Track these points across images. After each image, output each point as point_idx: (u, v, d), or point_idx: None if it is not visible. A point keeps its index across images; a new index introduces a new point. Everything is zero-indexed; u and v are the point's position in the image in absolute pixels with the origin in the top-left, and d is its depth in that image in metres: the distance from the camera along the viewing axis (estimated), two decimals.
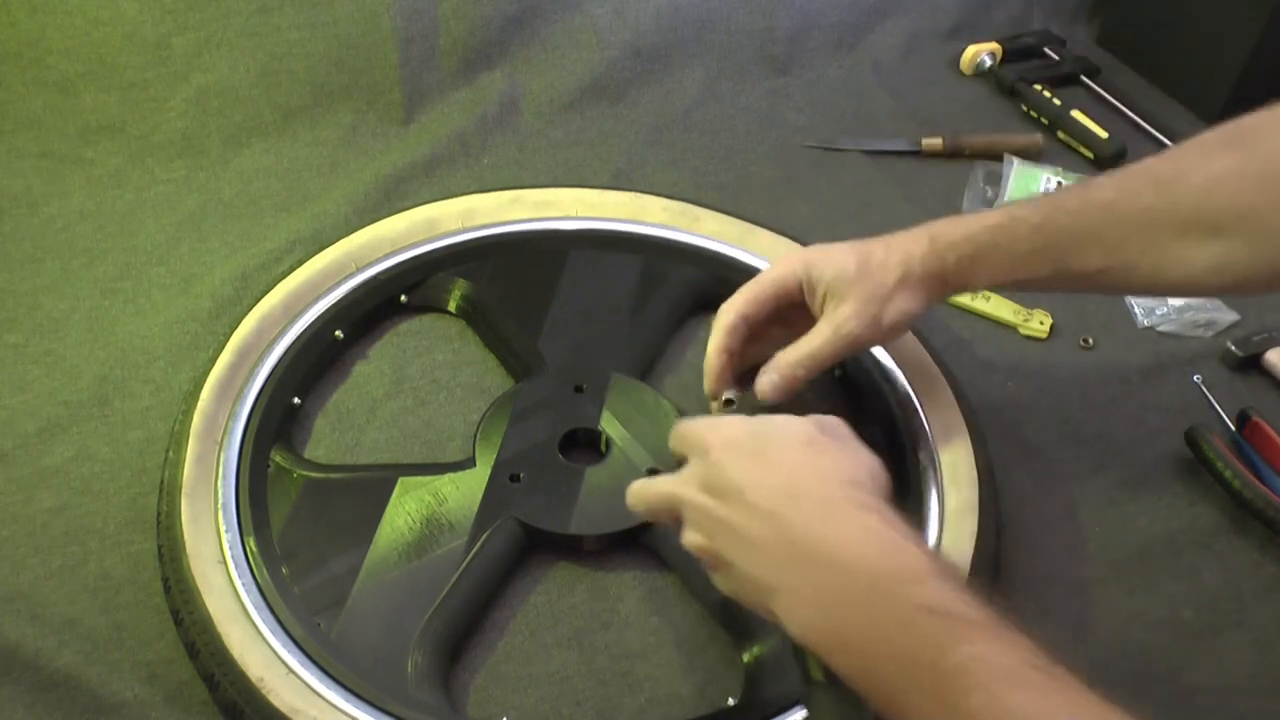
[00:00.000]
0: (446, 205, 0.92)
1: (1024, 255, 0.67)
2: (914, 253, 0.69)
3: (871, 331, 0.69)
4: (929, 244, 0.69)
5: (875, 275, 0.68)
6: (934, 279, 0.69)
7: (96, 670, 0.65)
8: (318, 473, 0.76)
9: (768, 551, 0.52)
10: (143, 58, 1.03)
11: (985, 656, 0.45)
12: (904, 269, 0.68)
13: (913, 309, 0.69)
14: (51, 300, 0.90)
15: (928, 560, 0.50)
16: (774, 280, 0.71)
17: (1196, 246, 0.62)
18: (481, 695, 0.67)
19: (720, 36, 1.21)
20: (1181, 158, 0.64)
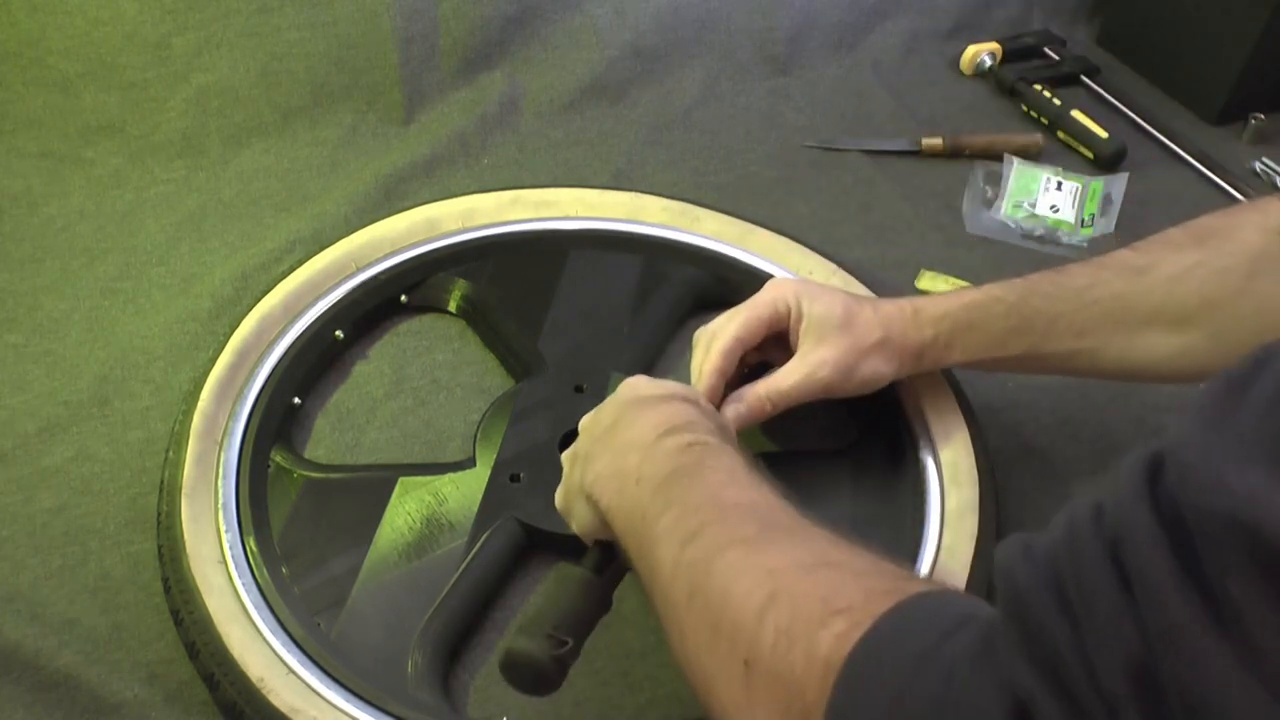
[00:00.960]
0: (446, 205, 0.92)
1: (999, 334, 0.70)
2: (895, 325, 0.71)
3: (842, 383, 0.71)
4: (912, 316, 0.71)
5: (858, 330, 0.70)
6: (910, 350, 0.71)
7: (96, 670, 0.65)
8: (318, 473, 0.76)
9: (589, 462, 0.59)
10: (143, 58, 1.03)
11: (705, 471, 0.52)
12: (885, 333, 0.70)
13: (885, 372, 0.71)
14: (51, 300, 0.90)
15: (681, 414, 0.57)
16: (769, 304, 0.72)
17: (1162, 335, 0.67)
18: (481, 695, 0.67)
19: (720, 36, 1.21)
20: (1151, 250, 0.68)
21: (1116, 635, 0.30)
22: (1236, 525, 0.27)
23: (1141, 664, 0.29)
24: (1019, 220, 1.02)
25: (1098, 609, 0.30)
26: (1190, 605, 0.28)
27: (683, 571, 0.47)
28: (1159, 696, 0.28)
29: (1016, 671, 0.32)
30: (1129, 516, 0.30)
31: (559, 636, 0.54)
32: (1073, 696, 0.31)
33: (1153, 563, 0.29)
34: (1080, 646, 0.31)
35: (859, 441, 0.80)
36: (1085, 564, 0.31)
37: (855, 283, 0.86)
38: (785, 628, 0.41)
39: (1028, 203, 1.03)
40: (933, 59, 1.26)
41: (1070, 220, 1.02)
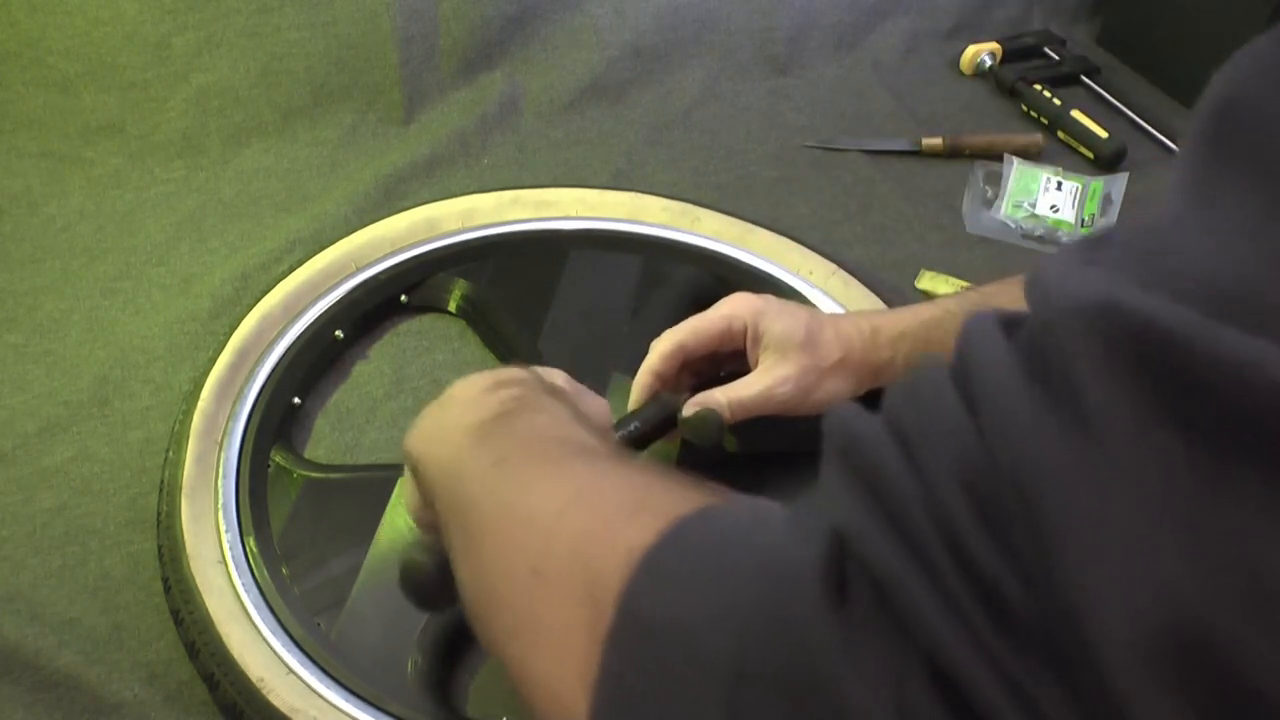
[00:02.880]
0: (446, 205, 0.92)
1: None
2: (855, 341, 0.71)
3: (800, 401, 0.70)
4: (870, 336, 0.71)
5: (819, 350, 0.70)
6: (868, 368, 0.71)
7: (96, 670, 0.65)
8: (318, 473, 0.76)
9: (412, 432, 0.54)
10: (143, 58, 1.03)
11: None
12: (844, 353, 0.70)
13: (844, 391, 0.71)
14: (51, 300, 0.90)
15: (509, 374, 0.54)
16: (724, 318, 0.71)
17: None
18: (481, 695, 0.67)
19: (720, 36, 1.21)
20: None
21: (950, 447, 0.28)
22: (1093, 309, 0.26)
23: (976, 472, 0.27)
24: (1019, 220, 1.02)
25: (932, 427, 0.29)
26: (1033, 401, 0.27)
27: (485, 495, 0.44)
28: (994, 502, 0.27)
29: (836, 508, 0.30)
30: (975, 348, 0.29)
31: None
32: (897, 517, 0.28)
33: (998, 374, 0.28)
34: (909, 466, 0.29)
35: None
36: (924, 392, 0.30)
37: (855, 283, 0.86)
38: (584, 527, 0.38)
39: (1028, 203, 1.03)
40: (933, 59, 1.26)
41: (1070, 220, 1.02)
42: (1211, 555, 0.24)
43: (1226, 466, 0.24)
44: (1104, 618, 0.24)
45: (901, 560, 0.28)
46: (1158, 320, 0.25)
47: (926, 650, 0.27)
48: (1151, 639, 0.24)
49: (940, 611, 0.27)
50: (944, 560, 0.27)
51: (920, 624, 0.27)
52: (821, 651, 0.28)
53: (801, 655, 0.28)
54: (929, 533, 0.28)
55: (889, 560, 0.28)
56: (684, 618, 0.32)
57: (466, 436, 0.49)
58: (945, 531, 0.27)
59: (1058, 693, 0.25)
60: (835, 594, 0.29)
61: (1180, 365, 0.25)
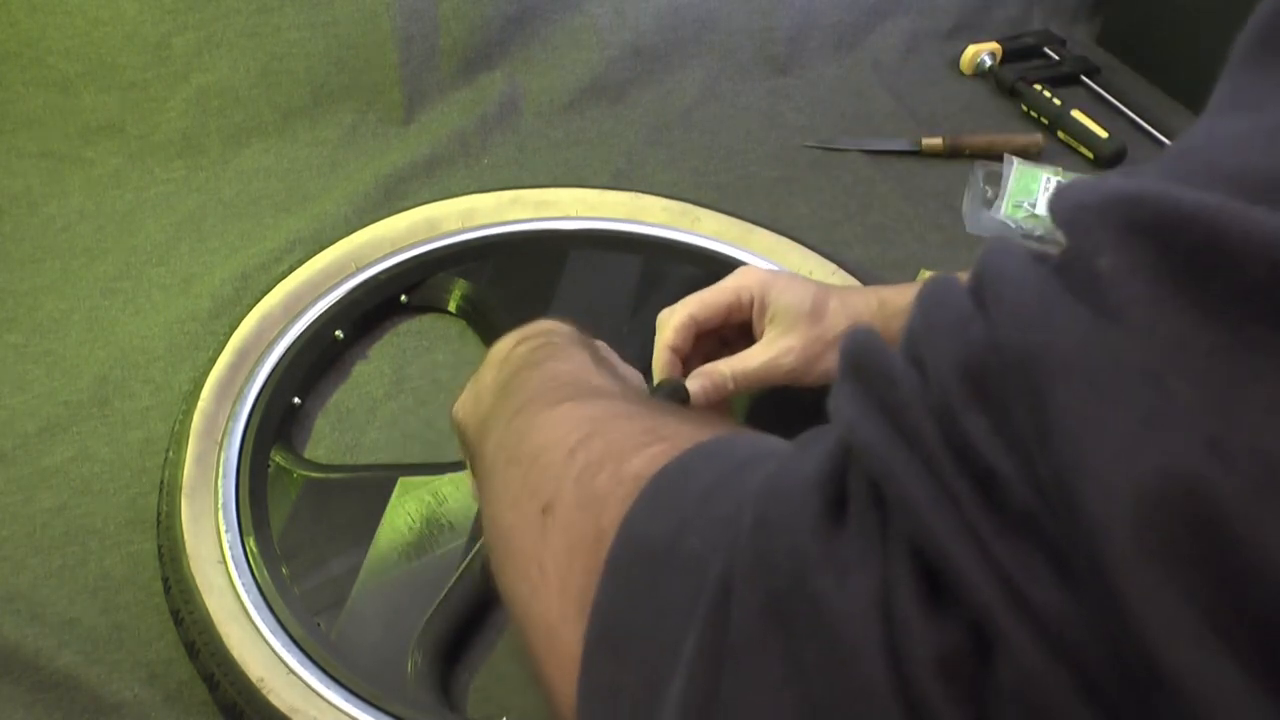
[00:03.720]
0: (446, 205, 0.92)
1: None
2: (862, 313, 0.71)
3: (805, 372, 0.70)
4: (877, 307, 0.71)
5: (825, 321, 0.70)
6: None
7: (96, 670, 0.65)
8: (318, 473, 0.76)
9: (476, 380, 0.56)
10: (143, 58, 1.03)
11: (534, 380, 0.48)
12: (851, 324, 0.70)
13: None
14: (51, 300, 0.90)
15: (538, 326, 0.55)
16: (732, 289, 0.71)
17: None
18: (481, 695, 0.67)
19: (720, 36, 1.21)
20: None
21: (953, 338, 0.27)
22: (1113, 199, 0.25)
23: (977, 356, 0.26)
24: (1019, 220, 1.02)
25: (939, 326, 0.27)
26: (1048, 285, 0.25)
27: (505, 442, 0.44)
28: (993, 383, 0.25)
29: (840, 413, 0.29)
30: (991, 254, 0.28)
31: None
32: (897, 413, 0.27)
33: (1011, 267, 0.27)
34: (915, 363, 0.27)
35: None
36: (934, 299, 0.29)
37: (854, 283, 0.86)
38: (595, 459, 0.37)
39: (1028, 203, 1.03)
40: (933, 59, 1.26)
41: None
42: (1229, 434, 0.22)
43: (1251, 344, 0.22)
44: (1103, 490, 0.23)
45: (893, 451, 0.26)
46: (1183, 203, 0.24)
47: (916, 545, 0.26)
48: (1154, 514, 0.22)
49: (930, 499, 0.25)
50: (938, 447, 0.26)
51: (909, 514, 0.26)
52: (805, 559, 0.27)
53: (787, 563, 0.27)
54: (924, 421, 0.26)
55: (879, 448, 0.27)
56: (679, 537, 0.31)
57: (493, 395, 0.49)
58: (942, 418, 0.26)
59: (1052, 587, 0.24)
60: (831, 505, 0.28)
61: (1205, 242, 0.23)
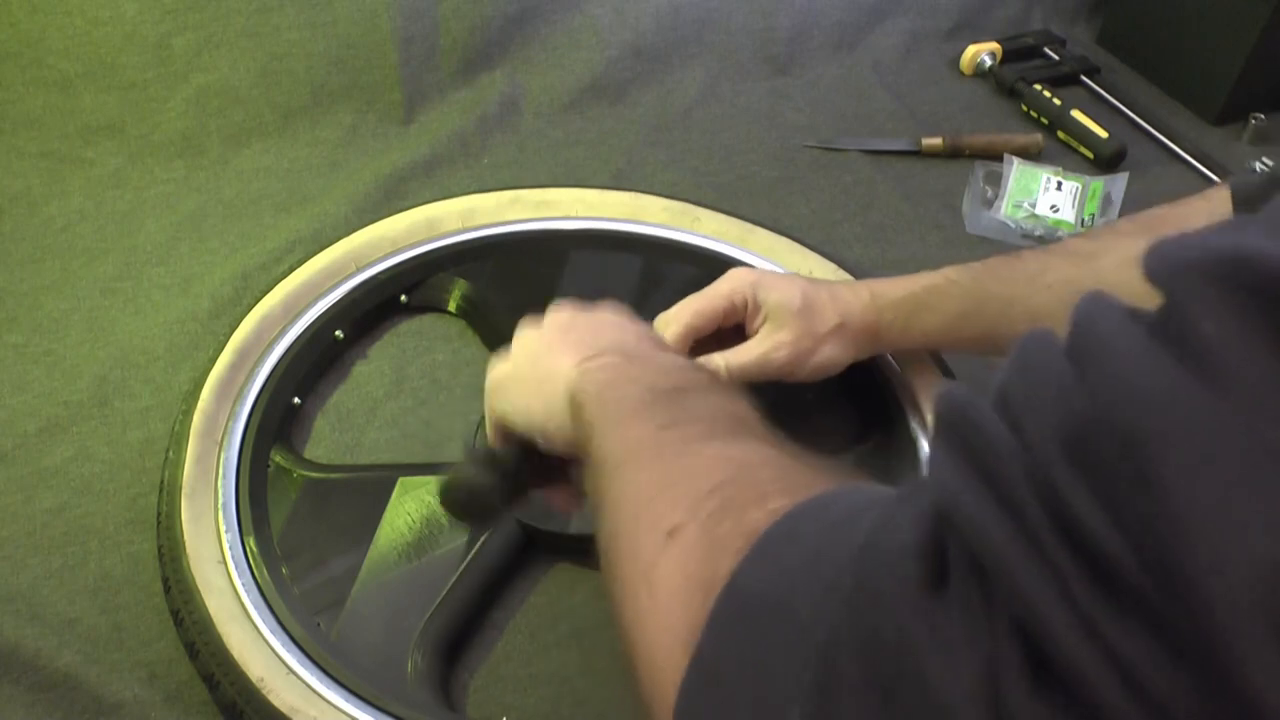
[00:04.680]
0: (446, 205, 0.92)
1: (955, 317, 0.71)
2: (854, 307, 0.72)
3: (798, 366, 0.72)
4: (869, 299, 0.72)
5: (816, 316, 0.71)
6: (867, 333, 0.72)
7: (96, 670, 0.65)
8: (318, 473, 0.76)
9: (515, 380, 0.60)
10: (143, 58, 1.03)
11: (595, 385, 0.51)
12: (842, 319, 0.72)
13: (841, 357, 0.73)
14: (51, 300, 0.90)
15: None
16: (726, 295, 0.72)
17: None
18: (481, 695, 0.67)
19: (720, 36, 1.21)
20: (1101, 238, 0.70)
21: (1054, 405, 0.26)
22: (1215, 259, 0.24)
23: (1079, 425, 0.25)
24: (1019, 220, 1.02)
25: (1039, 395, 0.27)
26: (1146, 349, 0.25)
27: (652, 443, 0.45)
28: (1097, 454, 0.25)
29: (939, 481, 0.28)
30: (1089, 316, 0.27)
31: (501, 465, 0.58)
32: (998, 486, 0.26)
33: (1111, 331, 0.26)
34: (1015, 437, 0.27)
35: (858, 442, 0.80)
36: (1032, 362, 0.28)
37: None
38: (728, 501, 0.39)
39: (1028, 203, 1.03)
40: (933, 59, 1.26)
41: (1070, 220, 1.02)
42: None
43: None
44: (1220, 571, 0.22)
45: (995, 523, 0.26)
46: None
47: (1021, 623, 0.25)
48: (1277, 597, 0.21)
49: (1037, 580, 0.25)
50: (1041, 521, 0.25)
51: (1015, 594, 0.25)
52: (910, 637, 0.27)
53: (892, 639, 0.27)
54: (1025, 492, 0.26)
55: (982, 524, 0.26)
56: (784, 595, 0.32)
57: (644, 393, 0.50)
58: (1043, 490, 0.25)
59: (1169, 673, 0.23)
60: (932, 573, 0.27)
61: None
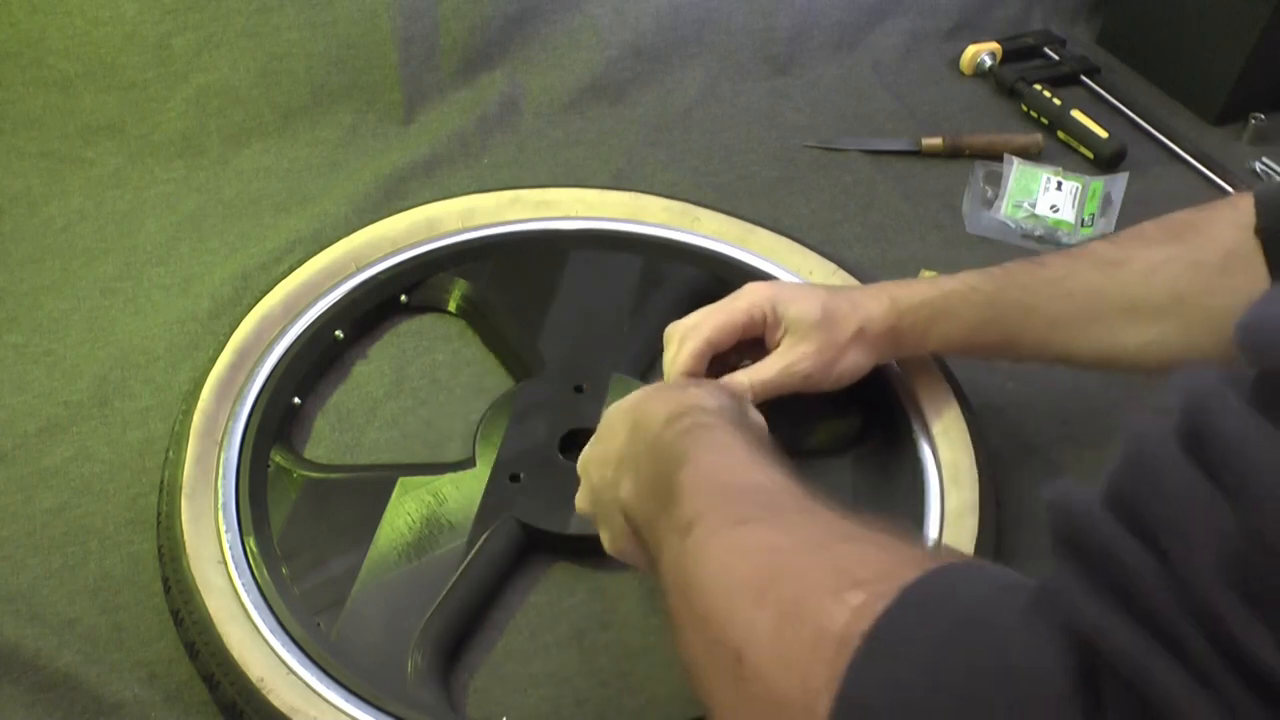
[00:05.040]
0: (446, 205, 0.92)
1: (975, 323, 0.71)
2: (874, 312, 0.72)
3: (822, 376, 0.72)
4: (889, 304, 0.72)
5: (837, 325, 0.71)
6: (888, 338, 0.72)
7: (96, 670, 0.65)
8: (318, 473, 0.76)
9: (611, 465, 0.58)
10: (143, 58, 1.03)
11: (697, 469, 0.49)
12: (862, 325, 0.71)
13: (864, 363, 0.73)
14: (51, 300, 0.90)
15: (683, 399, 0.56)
16: (745, 310, 0.72)
17: (1135, 326, 0.67)
18: (481, 695, 0.67)
19: (720, 36, 1.21)
20: (1126, 244, 0.69)
21: (1205, 533, 0.25)
22: None
23: (1239, 554, 0.24)
24: (1019, 220, 1.02)
25: (1178, 513, 0.26)
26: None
27: (680, 564, 0.44)
28: (1266, 585, 0.23)
29: (1079, 608, 0.27)
30: (1206, 410, 0.26)
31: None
32: (1152, 617, 0.25)
33: (1244, 437, 0.24)
34: (1158, 560, 0.26)
35: (859, 442, 0.80)
36: (1157, 469, 0.27)
37: (854, 282, 0.86)
38: (790, 607, 0.36)
39: (1028, 203, 1.03)
40: (933, 59, 1.26)
41: (1070, 220, 1.02)
42: None
43: None
44: None
45: (1156, 658, 0.25)
46: None
47: None
48: None
49: (1211, 714, 0.24)
50: (1212, 661, 0.24)
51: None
52: None
53: None
54: (1191, 632, 0.25)
55: (1142, 660, 0.25)
56: (913, 704, 0.30)
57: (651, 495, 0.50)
58: (1210, 628, 0.24)
59: None
60: (1094, 711, 0.26)
61: None
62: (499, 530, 0.71)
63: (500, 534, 0.71)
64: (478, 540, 0.71)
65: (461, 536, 0.71)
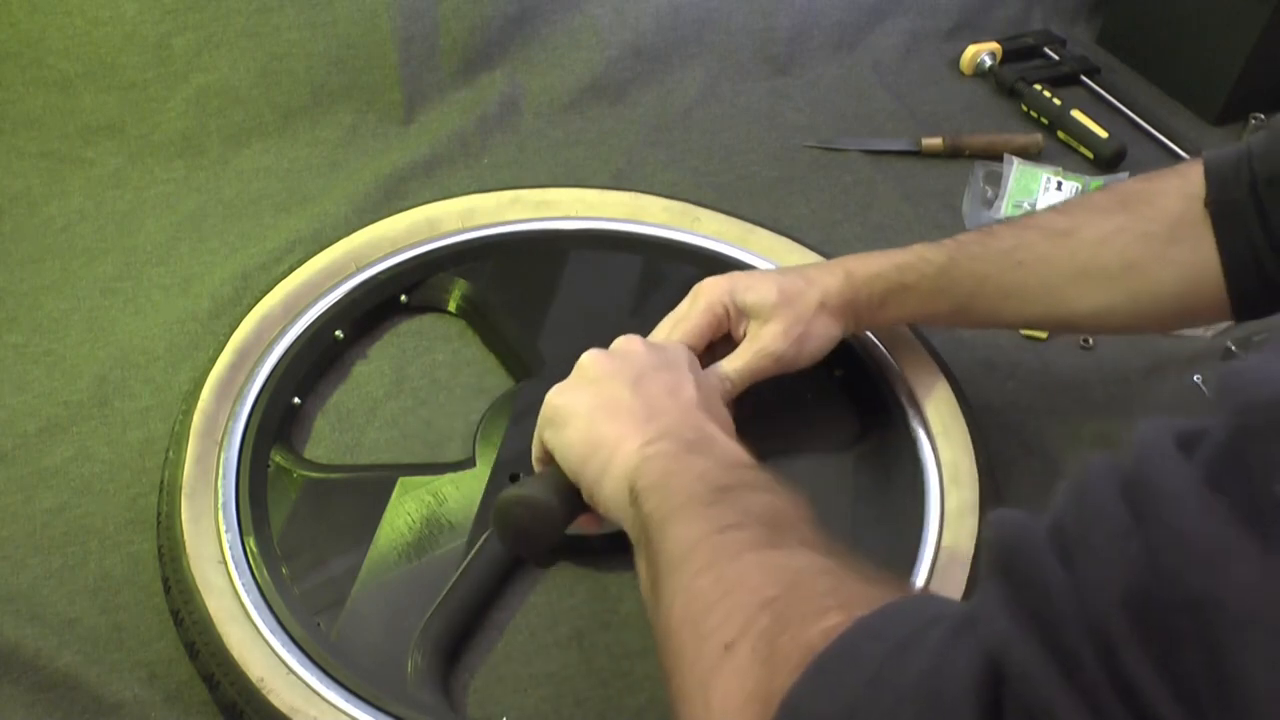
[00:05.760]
0: (446, 205, 0.92)
1: (928, 294, 0.72)
2: (831, 286, 0.72)
3: (795, 351, 0.72)
4: (844, 278, 0.73)
5: (796, 302, 0.72)
6: (848, 309, 0.73)
7: (96, 670, 0.65)
8: (318, 473, 0.76)
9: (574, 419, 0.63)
10: (143, 58, 1.03)
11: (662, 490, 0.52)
12: (822, 299, 0.72)
13: (833, 333, 0.73)
14: (51, 300, 0.90)
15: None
16: (705, 311, 0.73)
17: (1085, 293, 0.69)
18: (481, 695, 0.67)
19: (720, 36, 1.21)
20: (1075, 213, 0.70)
21: (1114, 560, 0.26)
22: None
23: (1143, 589, 0.25)
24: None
25: (1095, 538, 0.27)
26: (1215, 513, 0.24)
27: (708, 548, 0.46)
28: (1162, 622, 0.24)
29: (992, 625, 0.28)
30: (1148, 459, 0.27)
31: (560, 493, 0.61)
32: (1054, 637, 0.26)
33: (1172, 485, 0.25)
34: (1069, 581, 0.27)
35: (859, 442, 0.80)
36: (1093, 504, 0.28)
37: None
38: (782, 615, 0.39)
39: (1028, 203, 1.03)
40: (933, 59, 1.26)
41: None
42: None
43: None
44: None
45: (1052, 682, 0.26)
46: None
47: None
48: None
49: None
50: (1099, 679, 0.25)
51: None
52: None
53: None
54: (1081, 644, 0.26)
55: (1036, 675, 0.26)
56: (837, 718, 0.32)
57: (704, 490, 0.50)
58: (1100, 644, 0.25)
59: None
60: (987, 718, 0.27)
61: None
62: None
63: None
64: (478, 540, 0.71)
65: (461, 536, 0.71)
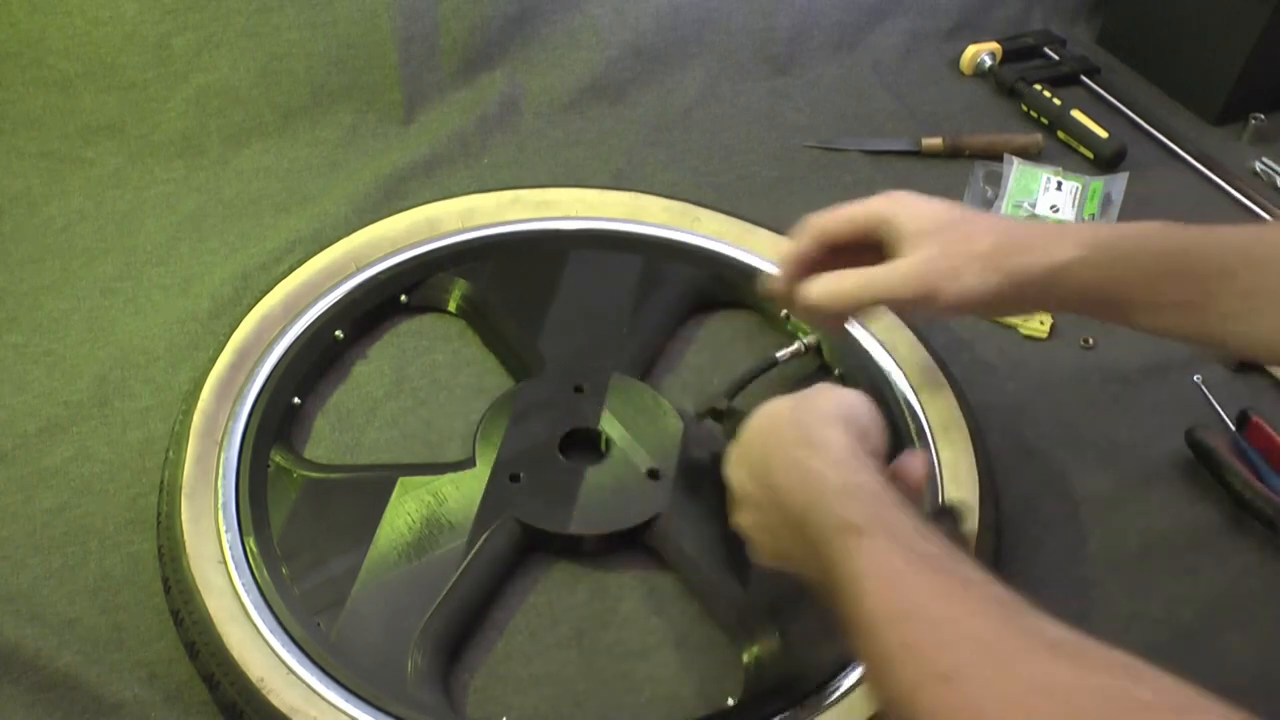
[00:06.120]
0: (446, 205, 0.92)
1: (1155, 275, 0.59)
2: (1023, 233, 0.62)
3: (937, 288, 0.62)
4: (1056, 231, 0.62)
5: (958, 234, 0.62)
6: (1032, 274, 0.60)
7: (96, 670, 0.65)
8: (318, 473, 0.76)
9: (756, 511, 0.60)
10: (143, 58, 1.03)
11: (872, 560, 0.49)
12: (998, 241, 0.61)
13: (985, 290, 0.61)
14: (51, 300, 0.90)
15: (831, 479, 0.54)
16: (864, 209, 0.67)
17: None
18: (481, 695, 0.67)
19: (720, 36, 1.21)
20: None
21: None
22: None
23: None
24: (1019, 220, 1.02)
25: None
26: None
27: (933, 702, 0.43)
28: None
29: None
30: None
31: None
32: None
33: None
34: None
35: None
36: None
37: None
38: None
39: (1028, 203, 1.03)
40: (933, 59, 1.26)
41: (1070, 220, 1.02)
42: None
43: None
44: None
45: None
46: None
47: None
48: None
49: None
50: None
51: None
52: None
53: None
54: None
55: None
56: None
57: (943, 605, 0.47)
58: None
59: None
60: None
61: None
62: (499, 530, 0.71)
63: (500, 534, 0.71)
64: (478, 540, 0.71)
65: (461, 536, 0.71)
